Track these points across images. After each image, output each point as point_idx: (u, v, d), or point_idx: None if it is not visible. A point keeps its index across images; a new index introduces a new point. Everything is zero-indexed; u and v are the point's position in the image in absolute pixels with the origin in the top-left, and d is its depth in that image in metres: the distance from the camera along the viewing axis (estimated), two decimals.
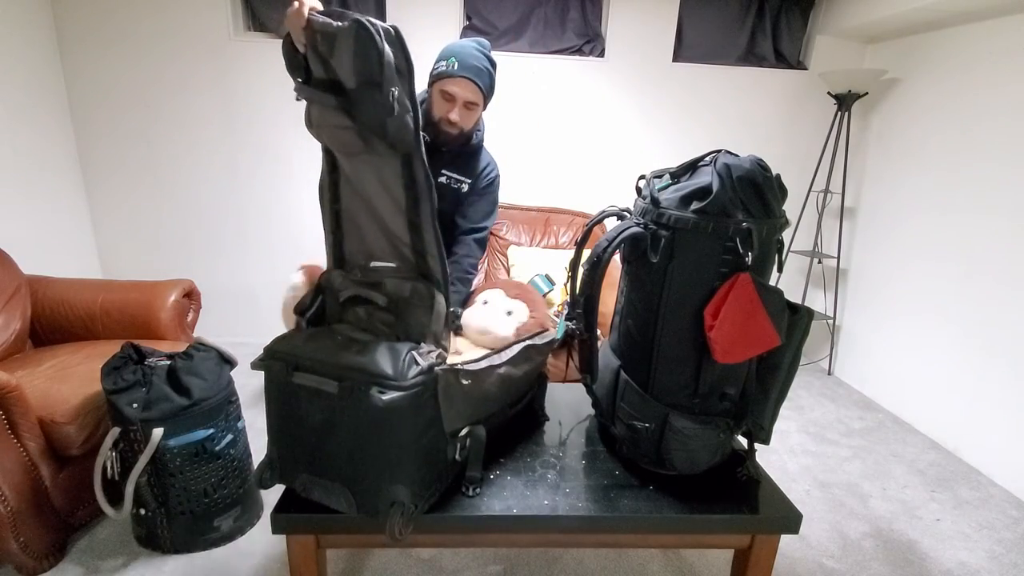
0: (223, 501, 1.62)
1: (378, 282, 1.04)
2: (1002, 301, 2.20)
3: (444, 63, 1.41)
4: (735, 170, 0.99)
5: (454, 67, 1.39)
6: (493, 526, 1.07)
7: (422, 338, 1.03)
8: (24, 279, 2.06)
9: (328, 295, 1.11)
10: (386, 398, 0.89)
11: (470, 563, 1.62)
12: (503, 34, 2.90)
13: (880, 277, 2.87)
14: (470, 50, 1.40)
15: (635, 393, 1.14)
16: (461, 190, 1.60)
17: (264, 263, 3.14)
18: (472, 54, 1.40)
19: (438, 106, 1.46)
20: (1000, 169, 2.23)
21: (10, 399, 1.41)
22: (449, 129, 1.46)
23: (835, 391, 2.97)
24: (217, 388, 1.58)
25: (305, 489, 1.03)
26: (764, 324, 1.02)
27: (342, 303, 1.10)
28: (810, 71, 3.01)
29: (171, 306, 2.12)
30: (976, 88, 2.35)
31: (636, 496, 1.13)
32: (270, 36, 2.86)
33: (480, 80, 1.41)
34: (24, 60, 2.54)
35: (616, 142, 3.08)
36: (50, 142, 2.71)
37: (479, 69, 1.40)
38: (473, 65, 1.39)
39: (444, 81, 1.41)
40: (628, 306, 1.18)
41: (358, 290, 1.06)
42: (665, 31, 2.91)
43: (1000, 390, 2.20)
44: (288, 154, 2.98)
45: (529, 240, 2.92)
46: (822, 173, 3.08)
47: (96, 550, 1.62)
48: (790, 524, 1.11)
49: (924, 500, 2.04)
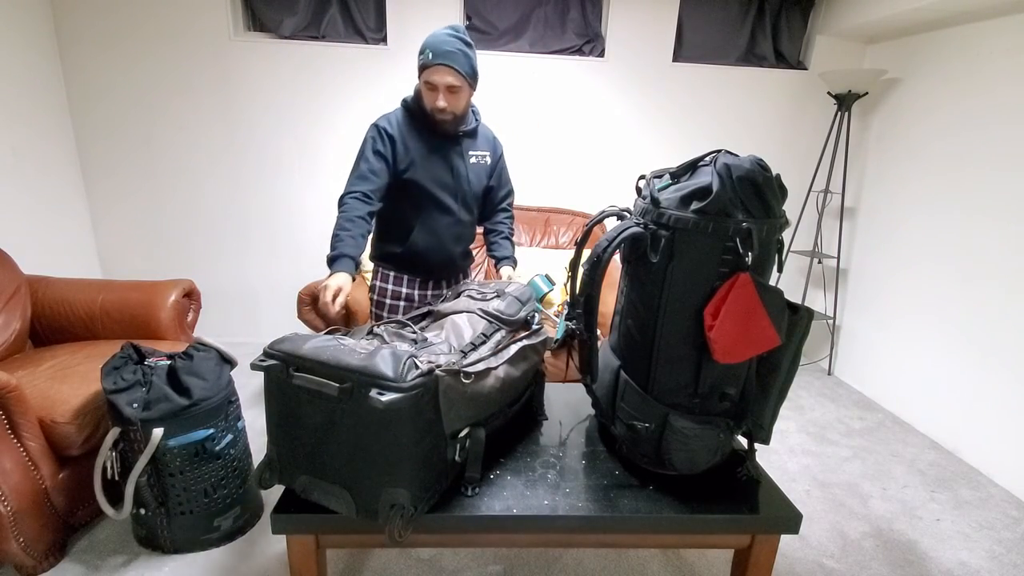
0: (223, 501, 1.62)
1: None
2: (1002, 301, 2.20)
3: (421, 56, 1.48)
4: (735, 170, 0.99)
5: (430, 57, 1.45)
6: (493, 526, 1.07)
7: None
8: (24, 279, 2.06)
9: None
10: (385, 399, 0.89)
11: (470, 563, 1.62)
12: (503, 34, 2.90)
13: (880, 277, 2.87)
14: (442, 37, 1.46)
15: (635, 393, 1.14)
16: (487, 163, 1.73)
17: (264, 263, 3.14)
18: (444, 40, 1.45)
19: (427, 97, 1.53)
20: (1000, 169, 2.23)
21: (10, 399, 1.42)
22: (443, 116, 1.53)
23: (835, 391, 2.97)
24: (217, 388, 1.58)
25: (304, 490, 1.03)
26: (764, 324, 1.02)
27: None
28: (810, 71, 3.01)
29: (171, 306, 2.12)
30: (976, 88, 2.35)
31: (636, 496, 1.12)
32: (270, 36, 2.86)
33: (456, 63, 1.45)
34: (24, 60, 2.54)
35: (616, 142, 3.08)
36: (50, 142, 2.71)
37: (452, 53, 1.45)
38: (446, 51, 1.44)
39: (424, 73, 1.49)
40: (628, 306, 1.18)
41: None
42: (665, 31, 2.91)
43: (1000, 390, 2.20)
44: (288, 154, 2.98)
45: (529, 240, 2.92)
46: (822, 173, 3.08)
47: (96, 550, 1.62)
48: (790, 524, 1.11)
49: (924, 500, 2.04)
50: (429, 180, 1.60)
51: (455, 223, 1.68)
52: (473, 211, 1.75)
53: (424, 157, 1.59)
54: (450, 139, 1.61)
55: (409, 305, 1.73)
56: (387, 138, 1.56)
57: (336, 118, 2.94)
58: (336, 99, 2.91)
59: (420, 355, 1.02)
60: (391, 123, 1.58)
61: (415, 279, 1.73)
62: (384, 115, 1.60)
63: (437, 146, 1.60)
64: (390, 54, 2.85)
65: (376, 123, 1.59)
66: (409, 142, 1.58)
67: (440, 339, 1.16)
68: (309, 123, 2.94)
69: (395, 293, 1.73)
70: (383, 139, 1.56)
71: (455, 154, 1.63)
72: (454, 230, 1.69)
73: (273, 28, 2.83)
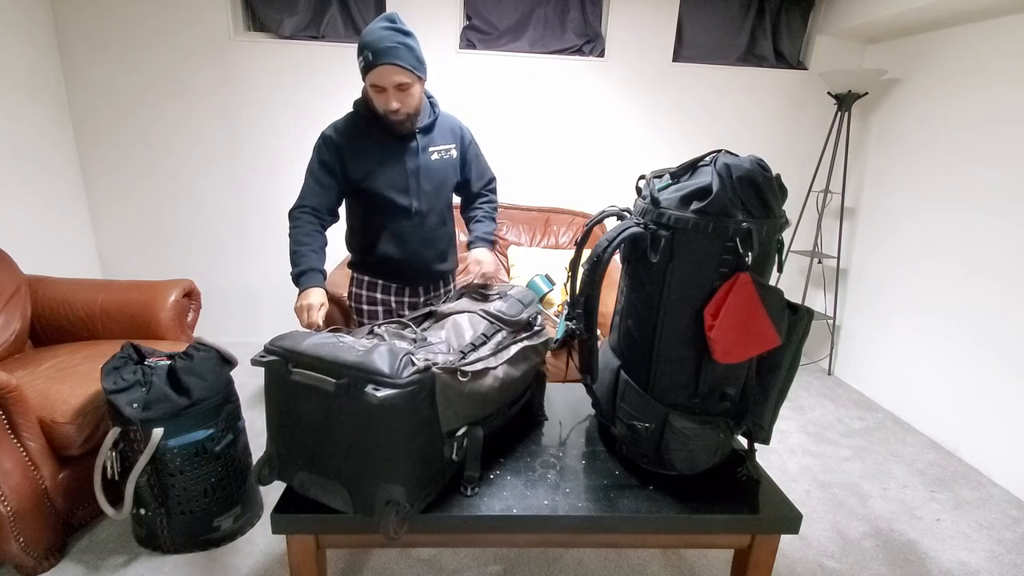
0: (223, 501, 1.62)
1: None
2: (1002, 301, 2.20)
3: (361, 57, 1.36)
4: (735, 170, 0.99)
5: (370, 58, 1.34)
6: (493, 526, 1.07)
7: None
8: (24, 279, 2.06)
9: None
10: (381, 395, 0.89)
11: (470, 563, 1.62)
12: (503, 34, 2.90)
13: (880, 277, 2.87)
14: (379, 33, 1.34)
15: (635, 393, 1.14)
16: (453, 156, 1.60)
17: (264, 263, 3.14)
18: (382, 36, 1.33)
19: (376, 101, 1.43)
20: (1000, 169, 2.23)
21: (10, 399, 1.42)
22: (397, 118, 1.43)
23: (835, 391, 2.97)
24: (217, 388, 1.58)
25: (303, 487, 1.03)
26: (764, 324, 1.02)
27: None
28: (810, 71, 3.01)
29: (171, 306, 2.12)
30: (976, 88, 2.35)
31: (636, 496, 1.12)
32: (270, 36, 2.86)
33: (399, 59, 1.34)
34: (24, 60, 2.54)
35: (616, 142, 3.08)
36: (50, 142, 2.71)
37: (394, 48, 1.33)
38: (386, 47, 1.32)
39: (368, 76, 1.37)
40: (628, 306, 1.18)
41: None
42: (665, 31, 2.91)
43: (1000, 390, 2.20)
44: (288, 154, 2.98)
45: (529, 240, 2.92)
46: (822, 173, 3.08)
47: (96, 550, 1.62)
48: (790, 524, 1.11)
49: (924, 500, 2.04)
50: (387, 186, 1.51)
51: (421, 228, 1.57)
52: (444, 213, 1.65)
53: (379, 163, 1.50)
54: (407, 139, 1.51)
55: (388, 311, 1.67)
56: (333, 148, 1.48)
57: (336, 118, 2.93)
58: (336, 99, 2.90)
59: (418, 353, 1.02)
60: (337, 131, 1.50)
61: (390, 285, 1.66)
62: (332, 123, 1.52)
63: (392, 149, 1.50)
64: None
65: (323, 132, 1.51)
66: (361, 149, 1.49)
67: (440, 339, 1.16)
68: (309, 123, 2.94)
69: (371, 299, 1.67)
70: (329, 150, 1.49)
71: (412, 154, 1.51)
72: (421, 235, 1.58)
73: (273, 28, 2.83)
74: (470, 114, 3.05)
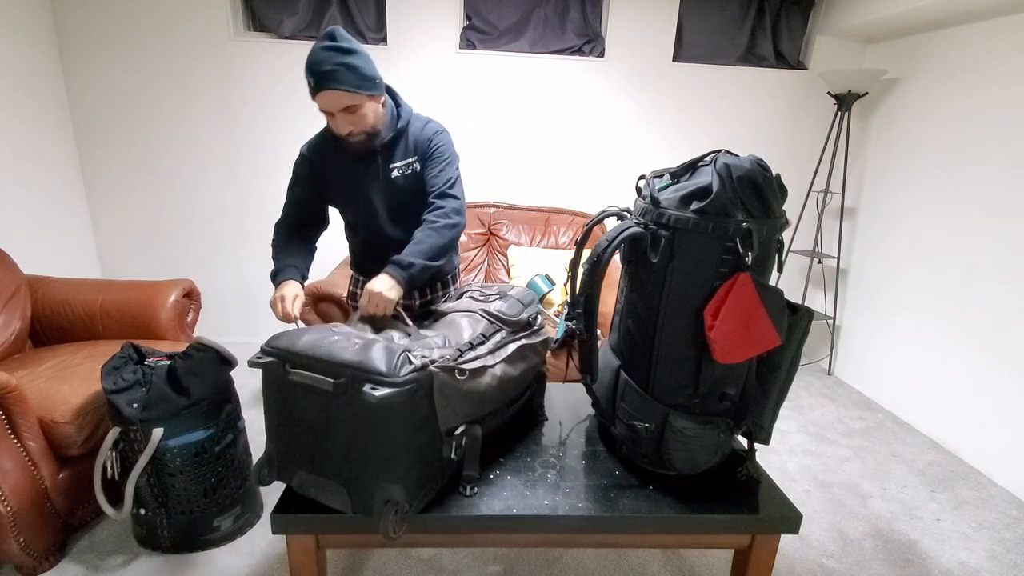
0: (223, 501, 1.62)
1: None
2: (1002, 301, 2.20)
3: (307, 82, 1.30)
4: (735, 170, 0.99)
5: (312, 84, 1.28)
6: (493, 526, 1.07)
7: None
8: (24, 279, 2.06)
9: None
10: (378, 394, 0.89)
11: (470, 563, 1.62)
12: (503, 34, 2.90)
13: (880, 277, 2.87)
14: (318, 56, 1.26)
15: (635, 393, 1.14)
16: (416, 169, 1.48)
17: (264, 263, 3.12)
18: (320, 60, 1.25)
19: (331, 124, 1.37)
20: (1000, 169, 2.23)
21: (10, 399, 1.42)
22: (355, 139, 1.36)
23: (835, 391, 2.97)
24: (217, 388, 1.58)
25: (303, 486, 1.03)
26: (764, 324, 1.02)
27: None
28: (810, 71, 3.01)
29: (171, 306, 2.12)
30: (976, 88, 2.35)
31: (636, 496, 1.13)
32: (270, 36, 2.86)
33: (339, 83, 1.26)
34: (24, 60, 2.54)
35: (616, 142, 3.08)
36: (50, 142, 2.71)
37: (333, 72, 1.25)
38: (324, 72, 1.25)
39: (315, 101, 1.32)
40: (628, 306, 1.18)
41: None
42: (665, 31, 2.91)
43: (1000, 390, 2.20)
44: (288, 154, 2.95)
45: (529, 240, 2.92)
46: (822, 173, 3.08)
47: (96, 550, 1.62)
48: (790, 524, 1.11)
49: (924, 500, 2.04)
50: (350, 207, 1.50)
51: (395, 246, 1.42)
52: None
53: (341, 183, 1.46)
54: (369, 158, 1.43)
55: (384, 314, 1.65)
56: (307, 165, 1.47)
57: None
58: None
59: (414, 349, 1.02)
60: (311, 148, 1.48)
61: None
62: (308, 139, 1.50)
63: (353, 169, 1.44)
64: (390, 54, 2.85)
65: (300, 149, 1.49)
66: (328, 167, 1.46)
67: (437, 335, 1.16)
68: (308, 122, 2.93)
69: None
70: (303, 167, 1.48)
71: (373, 175, 1.44)
72: (396, 252, 1.41)
73: (273, 28, 2.83)
74: (470, 114, 3.05)
